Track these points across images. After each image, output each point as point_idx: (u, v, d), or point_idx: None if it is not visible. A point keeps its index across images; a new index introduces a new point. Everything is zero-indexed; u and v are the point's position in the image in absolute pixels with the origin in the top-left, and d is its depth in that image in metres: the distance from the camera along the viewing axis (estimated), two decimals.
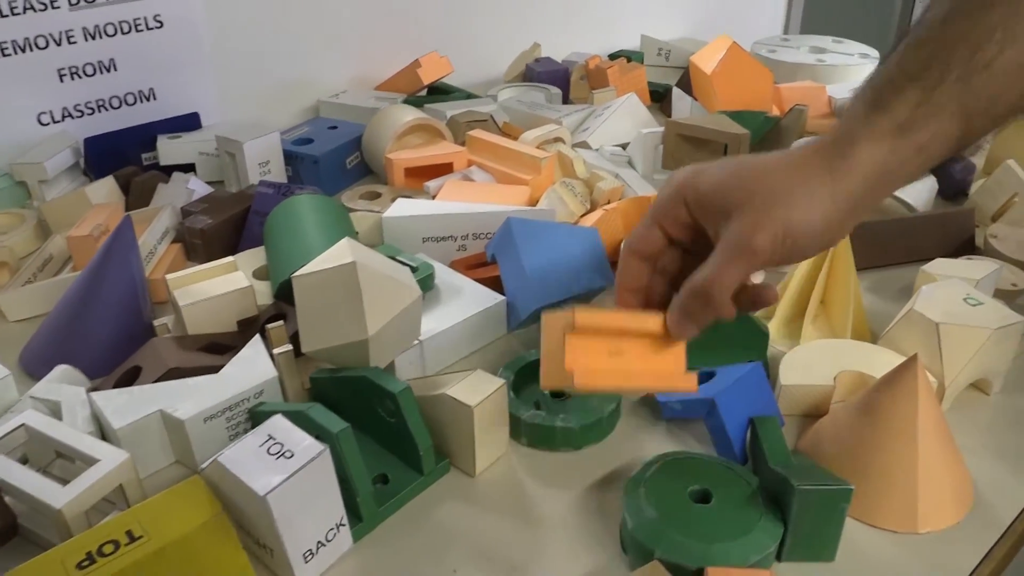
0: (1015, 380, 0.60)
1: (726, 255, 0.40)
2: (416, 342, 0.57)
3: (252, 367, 0.54)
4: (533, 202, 0.77)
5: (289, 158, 0.90)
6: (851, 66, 1.22)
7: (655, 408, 0.56)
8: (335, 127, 0.97)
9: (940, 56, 0.38)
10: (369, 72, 1.17)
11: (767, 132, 0.92)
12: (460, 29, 1.26)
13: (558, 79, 1.16)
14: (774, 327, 0.64)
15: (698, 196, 0.42)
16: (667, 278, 0.45)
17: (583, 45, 1.39)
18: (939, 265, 0.65)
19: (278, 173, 0.88)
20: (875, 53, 1.28)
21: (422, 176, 0.84)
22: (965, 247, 0.76)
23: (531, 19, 1.35)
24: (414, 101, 1.10)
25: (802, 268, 0.64)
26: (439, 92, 1.15)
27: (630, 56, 1.29)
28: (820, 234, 0.39)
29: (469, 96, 1.12)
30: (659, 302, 0.45)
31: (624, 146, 0.94)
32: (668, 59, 1.38)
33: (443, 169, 0.85)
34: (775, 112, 1.03)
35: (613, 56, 1.30)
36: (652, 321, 0.42)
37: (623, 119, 0.96)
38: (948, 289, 0.59)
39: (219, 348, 0.59)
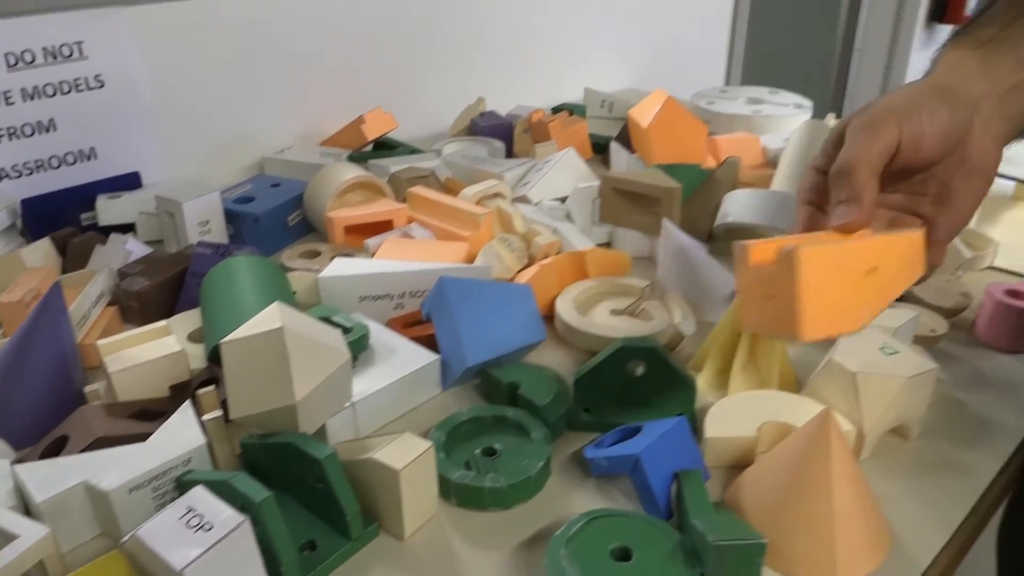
0: (933, 425, 0.62)
1: (851, 135, 0.48)
2: (348, 404, 0.57)
3: (181, 434, 0.53)
4: (471, 258, 0.79)
5: (230, 217, 0.90)
6: (784, 117, 1.26)
7: (584, 465, 0.56)
8: (278, 184, 0.98)
9: None
10: (314, 127, 1.18)
11: (701, 183, 0.95)
12: (406, 83, 1.28)
13: (502, 133, 1.18)
14: (704, 379, 0.66)
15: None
16: None
17: (528, 98, 1.42)
18: None
19: (219, 232, 0.89)
20: (808, 103, 1.33)
21: (363, 234, 0.85)
22: None
23: (477, 73, 1.38)
24: (359, 156, 1.11)
25: (730, 318, 0.66)
26: (384, 147, 1.16)
27: (572, 109, 1.32)
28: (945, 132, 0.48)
29: (414, 151, 1.14)
30: None
31: (563, 200, 0.96)
32: (611, 111, 1.41)
33: (384, 226, 0.86)
34: (710, 163, 1.06)
35: (556, 109, 1.33)
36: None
37: (562, 173, 0.99)
38: (866, 339, 0.61)
39: (150, 415, 0.58)
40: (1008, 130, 0.50)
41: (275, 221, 0.91)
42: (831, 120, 1.21)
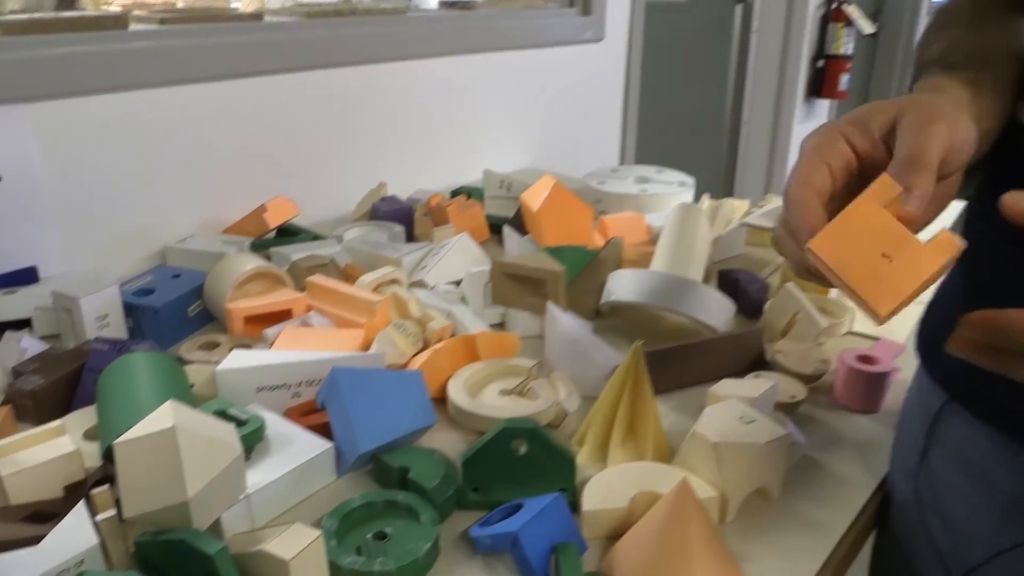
0: (793, 484, 0.68)
1: (917, 126, 0.47)
2: (242, 497, 0.59)
3: (73, 536, 0.54)
4: (367, 345, 0.82)
5: (129, 310, 0.91)
6: (669, 195, 1.36)
7: (471, 543, 0.60)
8: (178, 275, 1.00)
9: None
10: (217, 215, 1.21)
11: (587, 264, 1.01)
12: (309, 169, 1.32)
13: (402, 217, 1.23)
14: (586, 453, 0.70)
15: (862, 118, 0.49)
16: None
17: (429, 182, 1.48)
18: (724, 385, 0.74)
19: (117, 326, 0.90)
20: (691, 180, 1.43)
21: (262, 323, 0.87)
22: (757, 363, 0.86)
23: (378, 158, 1.43)
24: (262, 244, 1.14)
25: (607, 394, 0.71)
26: (287, 233, 1.20)
27: (471, 192, 1.39)
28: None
29: (316, 237, 1.17)
30: None
31: (458, 283, 1.01)
32: (510, 190, 1.48)
33: (283, 316, 0.89)
34: (598, 243, 1.13)
35: (456, 192, 1.39)
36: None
37: (457, 257, 1.04)
38: (726, 409, 0.67)
39: (43, 517, 0.59)
40: None
41: (175, 313, 0.93)
42: (705, 201, 1.31)
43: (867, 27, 3.08)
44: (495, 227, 1.27)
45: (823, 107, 3.23)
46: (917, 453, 0.68)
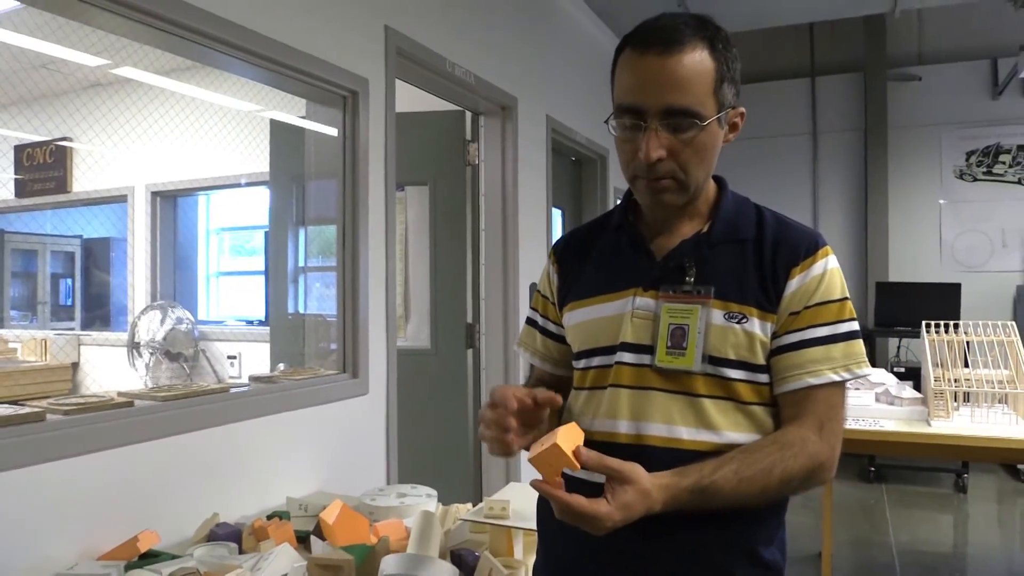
0: None
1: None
2: None
3: None
4: None
5: None
6: (421, 504, 2.01)
7: None
8: None
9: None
10: (97, 544, 1.67)
11: (368, 553, 1.61)
12: (160, 502, 1.83)
13: (234, 536, 1.77)
14: None
15: None
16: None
17: (246, 508, 2.03)
18: None
19: None
20: (434, 492, 2.10)
21: None
22: None
23: (214, 492, 1.97)
24: (134, 564, 1.62)
25: None
26: (152, 555, 1.69)
27: (281, 515, 1.96)
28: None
29: (174, 556, 1.67)
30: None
31: None
32: (307, 511, 2.06)
33: None
34: (373, 540, 1.74)
35: (271, 516, 1.96)
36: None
37: (282, 559, 1.60)
38: None
39: None
40: None
41: None
42: (439, 512, 1.98)
43: None
44: (301, 537, 1.84)
45: None
46: None
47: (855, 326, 1.19)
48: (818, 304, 1.17)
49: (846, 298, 1.19)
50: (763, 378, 1.19)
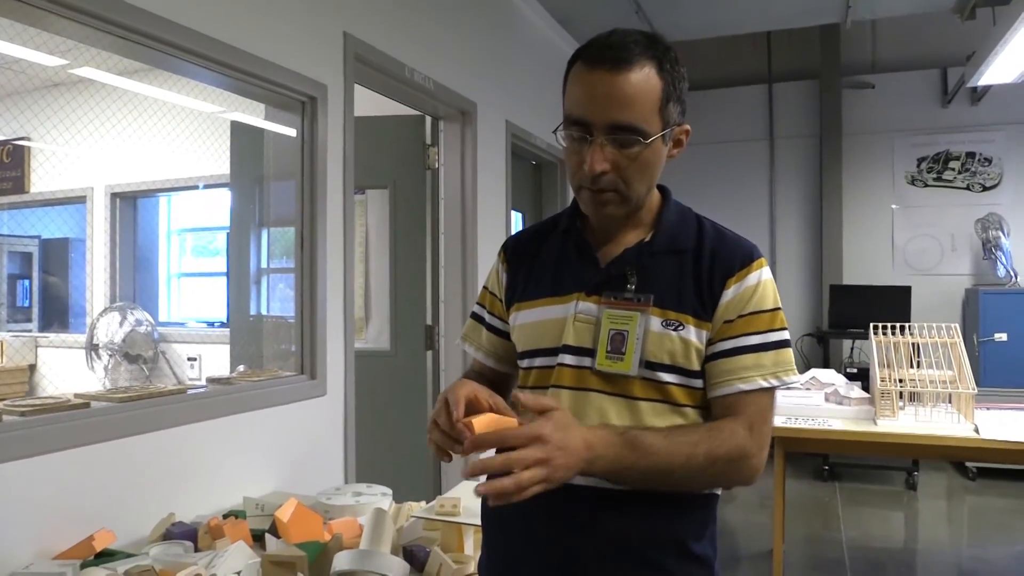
0: None
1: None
2: None
3: None
4: None
5: None
6: (375, 502, 2.05)
7: None
8: None
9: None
10: (53, 543, 1.69)
11: (321, 549, 1.65)
12: (115, 502, 1.85)
13: (190, 535, 1.80)
14: None
15: None
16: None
17: (203, 508, 2.05)
18: None
19: None
20: (389, 491, 2.14)
21: None
22: None
23: (167, 491, 1.99)
24: (90, 563, 1.65)
25: None
26: (108, 554, 1.71)
27: (238, 514, 1.99)
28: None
29: (130, 555, 1.70)
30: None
31: (238, 573, 1.60)
32: (264, 510, 2.10)
33: None
34: (327, 538, 1.78)
35: (227, 515, 1.99)
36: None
37: (237, 556, 1.63)
38: None
39: None
40: None
41: None
42: (392, 510, 2.03)
43: None
44: (257, 536, 1.87)
45: None
46: None
47: (786, 335, 1.26)
48: (751, 313, 1.24)
49: (778, 308, 1.26)
50: (697, 383, 1.25)
